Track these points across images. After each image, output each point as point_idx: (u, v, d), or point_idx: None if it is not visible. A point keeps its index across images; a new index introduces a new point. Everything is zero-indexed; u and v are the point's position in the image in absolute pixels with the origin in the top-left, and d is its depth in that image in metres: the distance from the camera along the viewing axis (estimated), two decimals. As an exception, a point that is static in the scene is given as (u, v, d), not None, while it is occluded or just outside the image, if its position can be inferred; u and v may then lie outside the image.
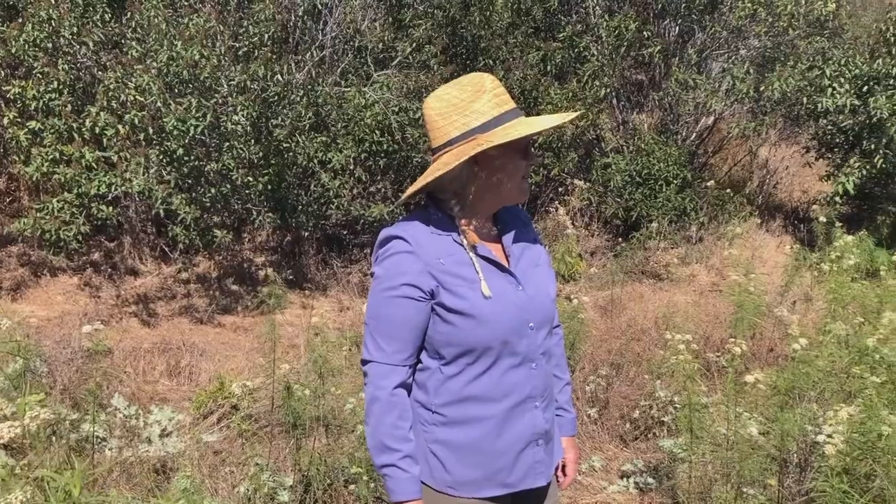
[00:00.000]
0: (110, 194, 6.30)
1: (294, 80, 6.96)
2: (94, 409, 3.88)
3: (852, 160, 8.29)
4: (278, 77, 6.68)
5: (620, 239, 8.52)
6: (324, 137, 7.24)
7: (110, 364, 5.10)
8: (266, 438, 4.18)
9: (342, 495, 3.69)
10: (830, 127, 8.91)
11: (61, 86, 6.31)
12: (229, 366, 5.51)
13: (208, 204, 6.72)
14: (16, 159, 6.78)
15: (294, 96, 6.96)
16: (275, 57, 6.77)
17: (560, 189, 8.94)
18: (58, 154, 6.19)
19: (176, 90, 6.39)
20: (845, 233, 5.63)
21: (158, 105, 6.16)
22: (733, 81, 8.58)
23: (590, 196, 8.56)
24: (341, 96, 7.45)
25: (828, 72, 8.34)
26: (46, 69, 6.27)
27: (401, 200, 1.96)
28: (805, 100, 8.60)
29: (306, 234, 7.84)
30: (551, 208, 8.51)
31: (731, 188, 8.88)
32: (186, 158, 6.40)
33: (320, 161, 7.24)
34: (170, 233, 6.78)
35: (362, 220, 7.72)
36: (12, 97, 6.31)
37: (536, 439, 1.93)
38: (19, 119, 6.35)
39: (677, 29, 9.15)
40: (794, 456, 3.37)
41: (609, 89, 8.82)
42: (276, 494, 3.64)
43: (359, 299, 6.85)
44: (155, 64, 6.23)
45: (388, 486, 1.84)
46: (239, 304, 6.99)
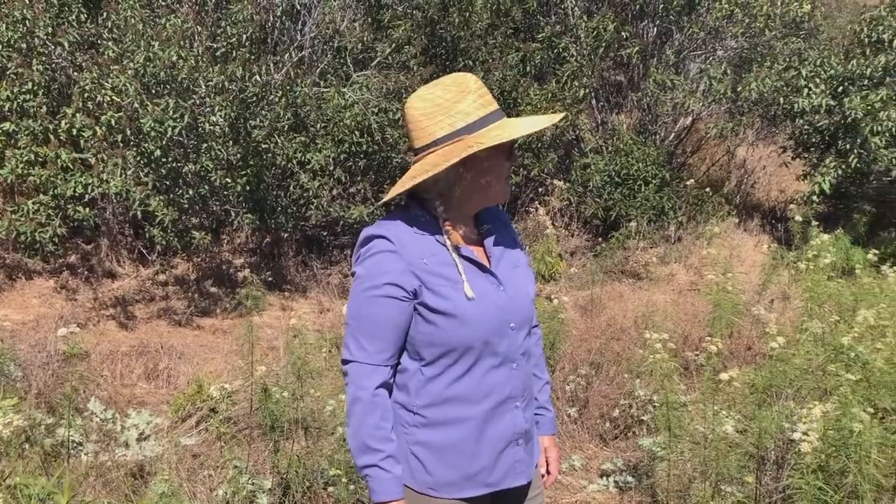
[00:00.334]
0: (87, 196, 6.23)
1: (272, 81, 6.92)
2: (70, 413, 3.84)
3: (828, 160, 8.38)
4: (256, 78, 6.65)
5: (600, 239, 8.55)
6: (303, 138, 7.21)
7: (87, 368, 5.04)
8: (245, 441, 4.15)
9: (321, 497, 3.67)
10: (807, 127, 9.00)
11: (36, 87, 6.25)
12: (208, 368, 5.47)
13: (186, 205, 6.67)
14: (-10, 161, 6.69)
15: (272, 97, 6.92)
16: (253, 57, 6.74)
17: (540, 189, 8.96)
18: (33, 156, 6.12)
19: (153, 91, 6.34)
20: (822, 232, 5.68)
21: (135, 106, 6.10)
22: (711, 82, 8.65)
23: (569, 196, 8.59)
24: (320, 97, 7.42)
25: (804, 72, 8.43)
26: (21, 70, 6.19)
27: (385, 199, 1.94)
28: (782, 100, 8.68)
29: (286, 235, 7.81)
30: (531, 208, 8.52)
31: (709, 188, 8.95)
32: (164, 159, 6.35)
33: (299, 162, 7.21)
34: (147, 234, 6.72)
35: (342, 222, 7.70)
36: (-14, 98, 6.24)
37: (517, 439, 1.94)
38: (-7, 121, 6.28)
39: (655, 30, 9.21)
40: (771, 453, 3.40)
41: (588, 90, 8.86)
42: (255, 497, 3.62)
43: (339, 301, 6.83)
44: (132, 65, 6.18)
45: (371, 487, 1.84)
46: (218, 306, 6.94)
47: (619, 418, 4.58)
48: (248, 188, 6.90)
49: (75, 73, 6.52)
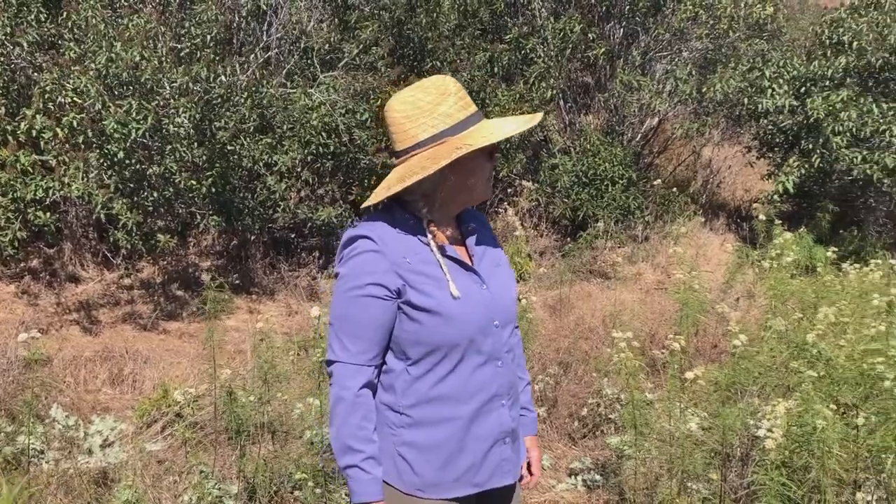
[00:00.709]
0: (48, 199, 6.12)
1: (238, 82, 6.86)
2: (31, 420, 3.76)
3: (791, 159, 8.50)
4: (221, 78, 6.58)
5: (569, 239, 8.60)
6: (269, 139, 7.14)
7: (49, 374, 4.94)
8: (211, 446, 4.10)
9: (288, 502, 3.64)
10: (771, 127, 9.13)
11: (-6, 88, 6.13)
12: (174, 373, 5.40)
13: (151, 208, 6.58)
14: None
15: (238, 98, 6.85)
16: (218, 58, 6.66)
17: (509, 190, 8.98)
18: (-9, 158, 6.01)
19: (116, 92, 6.24)
20: (785, 230, 5.76)
21: (98, 107, 6.01)
22: (676, 83, 8.74)
23: (538, 197, 8.62)
24: (287, 98, 7.37)
25: (767, 73, 8.55)
26: (-22, 70, 6.07)
27: (370, 202, 1.94)
28: (746, 100, 8.80)
29: (252, 237, 7.74)
30: (500, 209, 8.54)
31: (675, 188, 9.04)
32: (128, 162, 6.25)
33: (266, 164, 7.14)
34: (112, 238, 6.62)
35: (310, 224, 7.64)
36: (-58, 100, 6.11)
37: (503, 437, 1.95)
38: (-50, 123, 6.14)
39: (622, 31, 9.28)
40: (736, 450, 3.43)
41: (556, 91, 8.90)
42: (222, 502, 3.58)
43: (307, 303, 6.78)
44: (93, 65, 6.08)
45: (351, 487, 1.83)
46: (184, 309, 6.86)
47: (587, 417, 4.60)
48: (213, 190, 6.82)
49: (35, 74, 6.40)
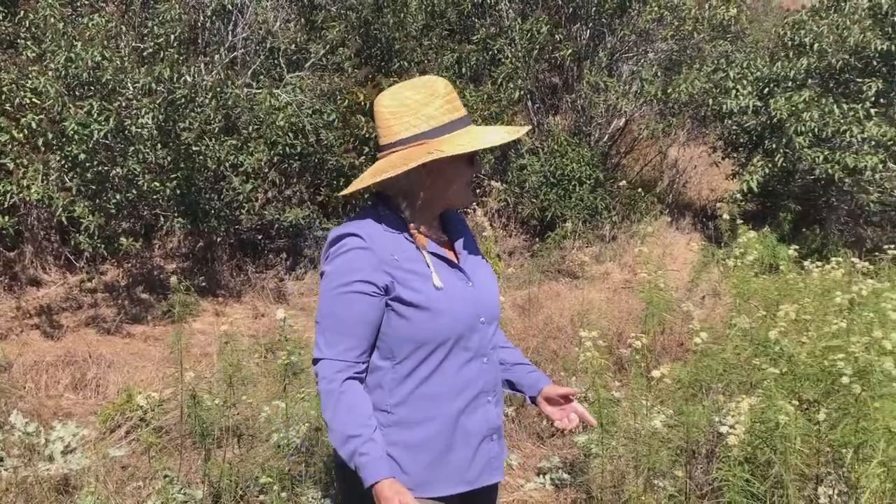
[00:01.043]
0: (6, 203, 5.99)
1: (202, 82, 6.78)
2: (-11, 427, 3.68)
3: (756, 159, 8.61)
4: (186, 79, 6.49)
5: (537, 239, 8.63)
6: (234, 140, 7.07)
7: (8, 380, 4.85)
8: (176, 451, 4.05)
9: (254, 506, 3.60)
10: (735, 127, 9.24)
11: (-50, 88, 5.98)
12: (139, 377, 5.32)
13: (114, 211, 6.47)
14: None
15: (202, 98, 6.77)
16: (182, 58, 6.58)
17: (478, 191, 8.99)
18: (-53, 161, 5.87)
19: (76, 93, 6.13)
20: (749, 229, 5.82)
21: (58, 108, 5.90)
22: (642, 84, 8.81)
23: (506, 197, 8.64)
24: (252, 98, 7.30)
25: (731, 74, 8.65)
26: (-67, 70, 5.93)
27: (346, 192, 1.95)
28: (710, 101, 8.90)
29: (219, 239, 7.65)
30: (469, 210, 8.54)
31: (642, 188, 9.11)
32: (89, 164, 6.14)
33: (231, 164, 7.07)
34: (73, 241, 6.50)
35: (277, 225, 7.58)
36: None
37: (491, 434, 1.96)
38: None
39: (588, 32, 9.34)
40: (701, 447, 3.46)
41: (523, 91, 8.93)
42: (186, 508, 3.53)
43: (274, 305, 6.72)
44: (52, 65, 5.97)
45: (361, 475, 1.78)
46: (149, 313, 6.76)
47: (555, 416, 4.60)
48: (178, 192, 6.73)
49: (-7, 74, 6.27)
